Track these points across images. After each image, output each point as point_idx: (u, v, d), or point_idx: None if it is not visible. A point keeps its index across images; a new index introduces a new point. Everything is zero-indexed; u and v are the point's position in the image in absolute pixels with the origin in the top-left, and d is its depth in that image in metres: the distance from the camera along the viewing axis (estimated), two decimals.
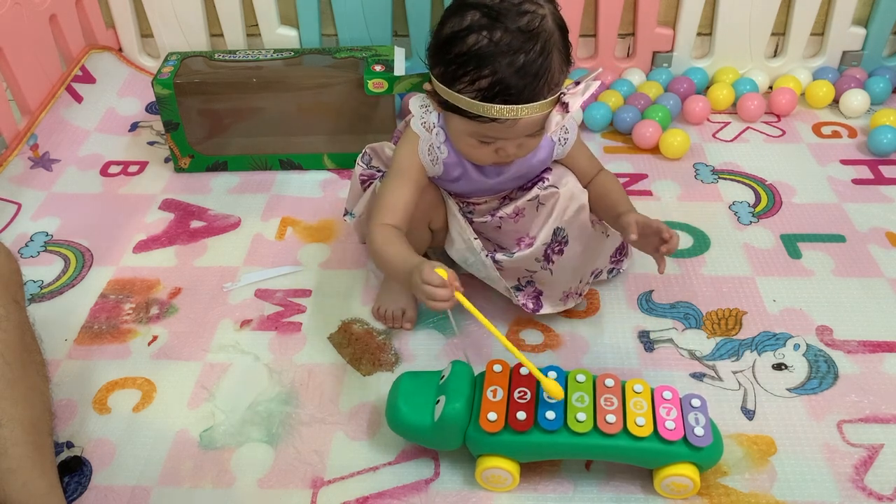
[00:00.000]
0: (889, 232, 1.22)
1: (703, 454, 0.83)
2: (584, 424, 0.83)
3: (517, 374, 0.89)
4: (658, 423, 0.84)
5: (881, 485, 0.88)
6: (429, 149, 0.97)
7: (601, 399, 0.86)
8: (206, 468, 0.92)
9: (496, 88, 0.83)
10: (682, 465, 0.84)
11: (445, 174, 0.99)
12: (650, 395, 0.87)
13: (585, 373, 0.89)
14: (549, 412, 0.84)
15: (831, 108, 1.54)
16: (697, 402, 0.86)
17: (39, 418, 0.84)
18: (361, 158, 1.10)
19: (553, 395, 0.84)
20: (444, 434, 0.87)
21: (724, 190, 1.33)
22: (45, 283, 1.19)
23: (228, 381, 1.02)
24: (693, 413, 0.85)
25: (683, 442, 0.83)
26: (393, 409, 0.89)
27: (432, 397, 0.88)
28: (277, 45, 1.61)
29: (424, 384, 0.90)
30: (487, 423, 0.84)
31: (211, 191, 1.38)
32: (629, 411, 0.85)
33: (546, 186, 0.99)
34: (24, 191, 1.37)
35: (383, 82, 1.33)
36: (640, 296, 1.13)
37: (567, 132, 1.00)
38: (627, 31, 1.60)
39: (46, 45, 1.49)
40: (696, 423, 0.84)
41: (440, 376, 0.91)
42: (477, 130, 0.89)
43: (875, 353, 1.03)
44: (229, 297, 1.15)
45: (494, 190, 1.02)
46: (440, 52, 0.87)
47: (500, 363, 0.90)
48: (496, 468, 0.86)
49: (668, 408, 0.85)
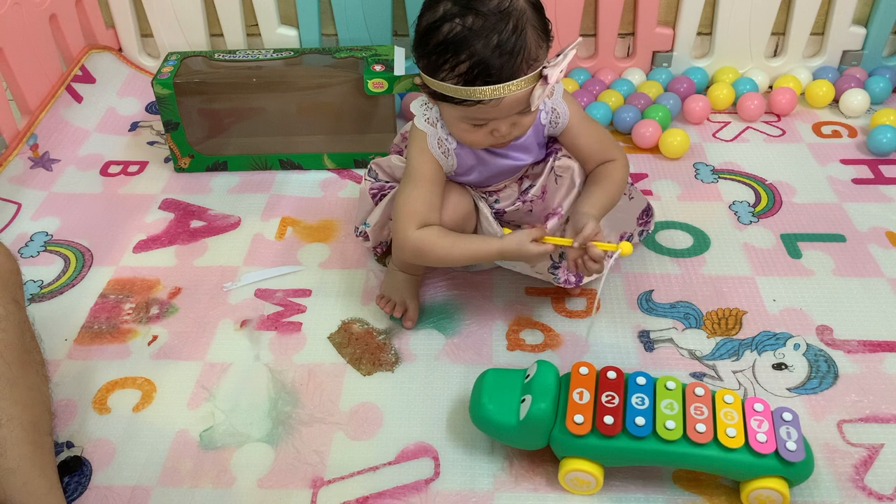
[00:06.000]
0: (889, 231, 1.22)
1: (796, 469, 0.82)
2: (673, 432, 0.82)
3: (604, 378, 0.88)
4: (749, 434, 0.83)
5: (881, 484, 0.88)
6: (438, 142, 0.98)
7: (691, 408, 0.85)
8: (206, 468, 0.92)
9: (475, 71, 0.85)
10: (773, 478, 0.82)
11: (461, 165, 1.00)
12: (741, 405, 0.86)
13: (675, 380, 0.87)
14: (639, 418, 0.83)
15: (831, 108, 1.54)
16: (789, 416, 0.85)
17: (39, 418, 0.84)
18: (368, 174, 1.11)
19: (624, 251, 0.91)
20: (529, 434, 0.86)
21: (724, 190, 1.33)
22: (45, 283, 1.19)
23: (228, 381, 1.02)
24: (785, 427, 0.84)
25: (775, 456, 0.82)
26: (477, 406, 0.89)
27: (517, 396, 0.88)
28: (277, 45, 1.61)
29: (509, 382, 0.90)
30: (574, 425, 0.83)
31: (211, 191, 1.38)
32: (720, 421, 0.84)
33: (560, 156, 1.01)
34: (24, 191, 1.37)
35: (383, 82, 1.33)
36: (640, 296, 1.13)
37: (558, 116, 1.00)
38: (627, 30, 1.60)
39: (46, 45, 1.49)
40: (788, 437, 0.83)
41: (525, 375, 0.90)
42: (466, 115, 0.90)
43: (875, 352, 1.03)
44: (229, 297, 1.15)
45: (512, 170, 1.02)
46: (421, 45, 0.89)
47: (585, 365, 0.89)
48: (581, 471, 0.85)
49: (759, 420, 0.84)
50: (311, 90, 1.36)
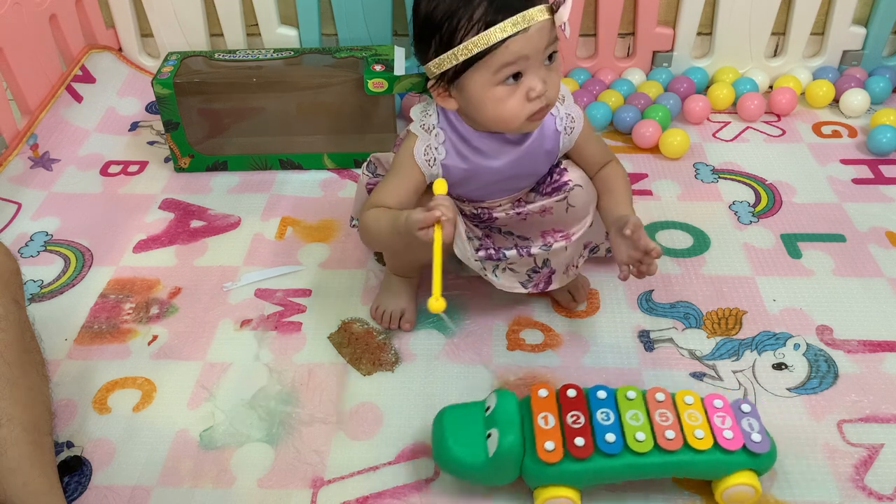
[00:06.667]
0: (889, 231, 1.22)
1: (763, 460, 0.83)
2: (644, 444, 0.82)
3: (565, 397, 0.86)
4: (716, 433, 0.83)
5: (881, 484, 0.88)
6: (425, 149, 0.96)
7: (655, 415, 0.84)
8: (206, 468, 0.92)
9: (494, 5, 0.84)
10: (744, 473, 0.82)
11: (448, 177, 0.98)
12: (702, 404, 0.86)
13: (634, 388, 0.87)
14: (609, 434, 0.82)
15: (831, 108, 1.54)
16: (748, 408, 0.85)
17: (39, 418, 0.84)
18: (366, 168, 1.10)
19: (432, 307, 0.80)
20: (500, 469, 0.83)
21: (724, 189, 1.33)
22: (45, 282, 1.19)
23: (228, 381, 1.02)
24: (746, 419, 0.84)
25: (744, 450, 0.82)
26: (442, 449, 0.85)
27: (481, 431, 0.85)
28: (277, 45, 1.61)
29: (470, 417, 0.86)
30: (546, 453, 0.81)
31: (211, 190, 1.38)
32: (685, 424, 0.83)
33: (572, 187, 0.99)
34: (24, 191, 1.37)
35: (383, 82, 1.33)
36: (640, 295, 1.13)
37: (573, 121, 0.99)
38: (627, 30, 1.60)
39: (46, 45, 1.49)
40: (751, 429, 0.83)
41: (484, 407, 0.87)
42: (498, 69, 0.87)
43: (875, 352, 1.03)
44: (229, 297, 1.15)
45: (506, 189, 1.01)
46: (427, 29, 0.88)
47: (544, 387, 0.87)
48: (559, 498, 0.82)
49: (721, 416, 0.84)
50: (311, 90, 1.36)
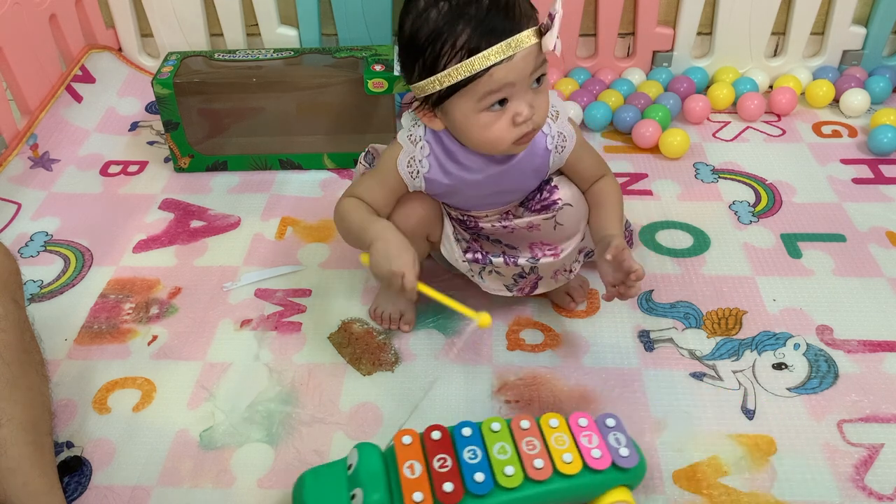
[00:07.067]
0: (889, 231, 1.22)
1: (633, 473, 0.81)
2: (514, 478, 0.78)
3: (429, 441, 0.82)
4: (584, 454, 0.80)
5: (881, 484, 0.88)
6: (409, 161, 0.95)
7: (522, 444, 0.81)
8: (206, 468, 0.92)
9: (478, 31, 0.82)
10: (616, 490, 0.80)
11: (430, 189, 0.97)
12: (567, 426, 0.83)
13: (499, 419, 0.83)
14: (478, 474, 0.78)
15: (831, 108, 1.54)
16: (612, 422, 0.84)
17: (39, 418, 0.84)
18: (364, 157, 1.09)
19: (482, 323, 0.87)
20: None
21: (724, 189, 1.33)
22: (45, 282, 1.19)
23: (228, 381, 1.02)
24: (612, 434, 0.83)
25: (613, 468, 0.80)
26: None
27: (345, 493, 0.79)
28: (277, 45, 1.61)
29: (332, 479, 0.81)
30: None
31: (211, 190, 1.38)
32: (553, 450, 0.80)
33: (562, 206, 0.97)
34: (24, 191, 1.37)
35: (383, 82, 1.33)
36: (640, 295, 1.13)
37: (565, 139, 0.96)
38: (627, 30, 1.60)
39: (46, 45, 1.49)
40: (618, 443, 0.81)
41: (346, 465, 0.82)
42: (482, 96, 0.85)
43: (875, 352, 1.03)
44: (229, 297, 1.15)
45: (491, 203, 1.00)
46: (412, 50, 0.86)
47: (408, 433, 0.83)
48: None
49: (587, 435, 0.82)
50: (311, 90, 1.36)
